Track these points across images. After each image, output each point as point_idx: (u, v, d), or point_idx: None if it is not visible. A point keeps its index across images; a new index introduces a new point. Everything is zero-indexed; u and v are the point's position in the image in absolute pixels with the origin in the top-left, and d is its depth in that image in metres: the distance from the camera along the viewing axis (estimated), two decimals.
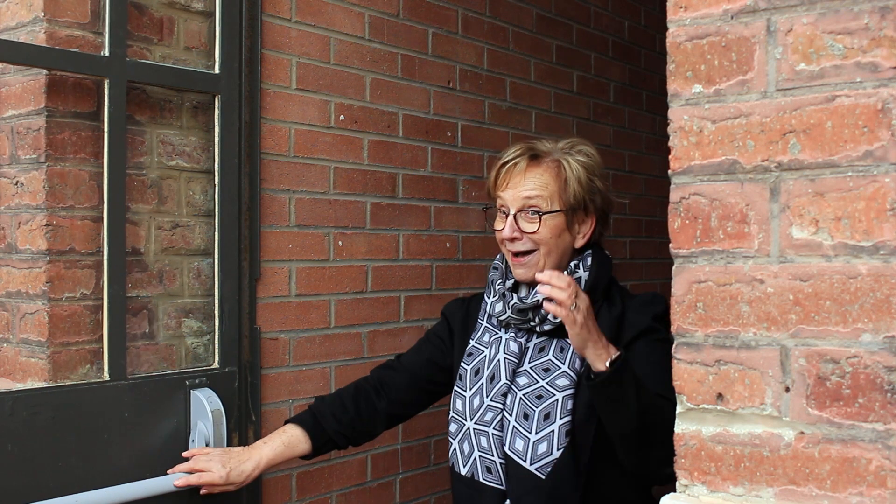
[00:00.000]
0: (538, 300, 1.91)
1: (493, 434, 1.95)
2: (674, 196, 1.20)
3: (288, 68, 2.49)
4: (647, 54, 4.30)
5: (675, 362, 1.21)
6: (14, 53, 1.95)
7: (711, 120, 1.17)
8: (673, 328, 1.21)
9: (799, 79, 1.11)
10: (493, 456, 1.95)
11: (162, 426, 2.14)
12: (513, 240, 1.99)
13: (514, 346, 2.01)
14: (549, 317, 1.95)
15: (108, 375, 2.05)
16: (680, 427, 1.19)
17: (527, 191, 2.00)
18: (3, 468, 1.86)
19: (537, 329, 2.00)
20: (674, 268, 1.21)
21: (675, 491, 1.21)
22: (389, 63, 2.81)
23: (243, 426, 2.32)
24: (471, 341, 2.13)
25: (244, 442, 2.29)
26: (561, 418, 1.90)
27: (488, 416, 1.97)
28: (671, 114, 1.21)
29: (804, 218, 1.10)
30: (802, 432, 1.10)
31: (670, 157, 1.21)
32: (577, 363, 1.94)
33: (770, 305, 1.13)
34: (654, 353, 1.94)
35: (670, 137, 1.21)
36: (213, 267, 2.30)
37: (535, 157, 2.04)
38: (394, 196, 2.83)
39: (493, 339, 2.07)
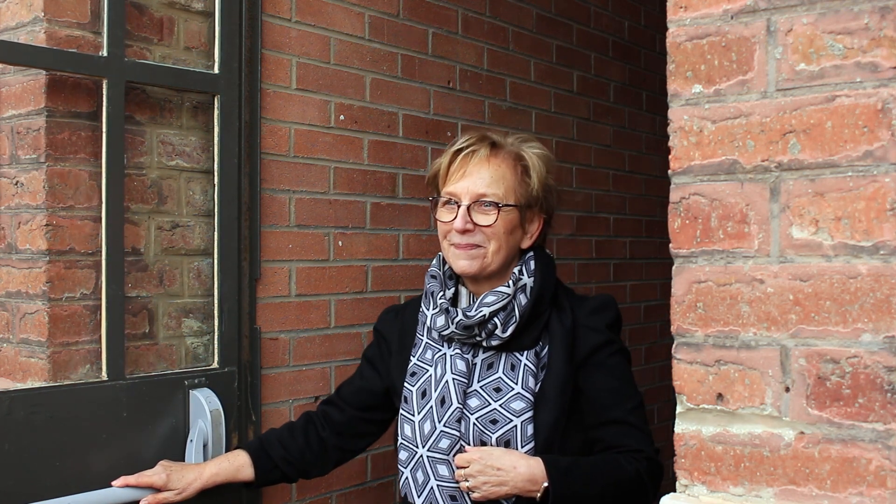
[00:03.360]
0: (484, 315, 1.85)
1: (453, 462, 1.87)
2: (674, 196, 1.20)
3: (288, 68, 2.49)
4: (647, 54, 4.30)
5: (674, 362, 1.21)
6: (12, 54, 1.95)
7: (711, 120, 1.17)
8: (673, 328, 1.21)
9: (799, 79, 1.11)
10: (458, 483, 1.86)
11: (160, 426, 2.14)
12: (465, 232, 1.87)
13: (461, 365, 1.89)
14: (497, 331, 1.87)
15: (105, 375, 2.05)
16: (680, 427, 1.19)
17: (484, 182, 1.88)
18: (1, 468, 1.86)
19: (484, 344, 1.89)
20: (674, 268, 1.21)
21: (675, 491, 1.21)
22: (389, 63, 2.81)
23: (243, 426, 2.32)
24: (412, 359, 1.99)
25: (244, 442, 2.29)
26: (523, 445, 1.83)
27: (444, 444, 1.87)
28: (671, 114, 1.21)
29: (804, 218, 1.10)
30: (802, 432, 1.10)
31: (670, 157, 1.21)
32: (531, 382, 1.86)
33: (770, 305, 1.13)
34: (615, 367, 1.92)
35: (670, 137, 1.21)
36: (213, 267, 2.30)
37: (494, 146, 1.92)
38: (394, 196, 2.83)
39: (436, 356, 1.94)
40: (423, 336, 2.00)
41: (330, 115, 2.62)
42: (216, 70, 2.27)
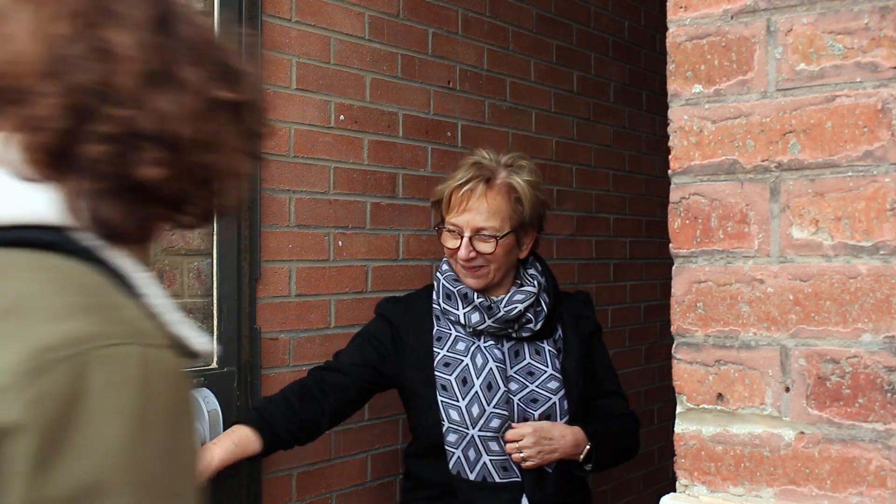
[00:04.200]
0: (519, 310, 2.18)
1: (503, 438, 2.15)
2: (674, 196, 1.20)
3: (288, 68, 2.49)
4: (647, 54, 4.30)
5: (675, 362, 1.21)
6: None
7: (711, 120, 1.17)
8: (673, 328, 1.21)
9: (799, 79, 1.11)
10: (509, 456, 2.14)
11: None
12: (469, 259, 2.17)
13: (499, 354, 2.19)
14: (530, 324, 2.20)
15: None
16: (680, 427, 1.19)
17: (482, 217, 2.16)
18: None
19: (514, 335, 2.20)
20: (674, 268, 1.21)
21: (675, 490, 1.21)
22: (389, 63, 2.81)
23: None
24: (440, 351, 2.22)
25: None
26: (561, 418, 2.18)
27: (495, 423, 2.14)
28: (671, 114, 1.21)
29: (804, 218, 1.10)
30: (802, 432, 1.10)
31: (670, 157, 1.21)
32: (558, 364, 2.22)
33: (770, 305, 1.13)
34: (604, 349, 2.38)
35: (670, 137, 1.21)
36: (213, 267, 2.30)
37: (489, 181, 2.18)
38: (394, 196, 2.83)
39: (471, 347, 2.21)
40: (449, 330, 2.25)
41: (330, 115, 2.62)
42: None
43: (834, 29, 1.09)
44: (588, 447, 2.15)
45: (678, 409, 1.20)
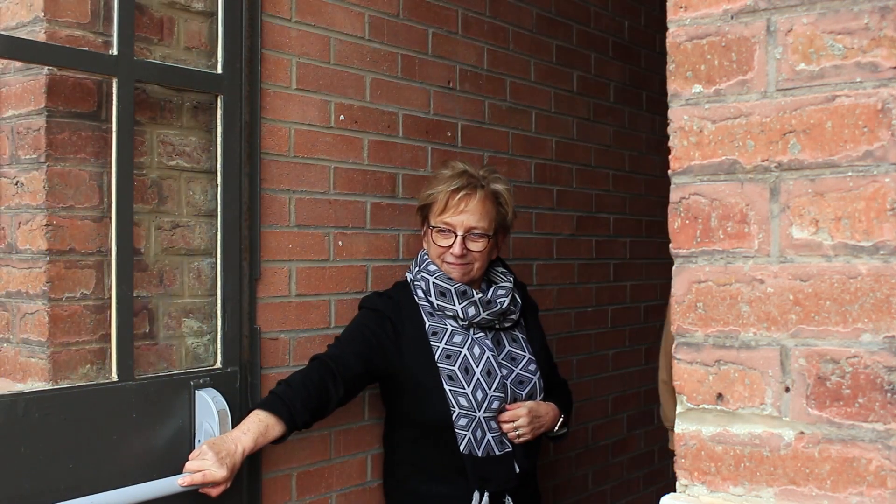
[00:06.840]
0: (505, 303, 2.51)
1: (498, 418, 2.45)
2: (674, 196, 1.21)
3: (288, 68, 2.49)
4: (647, 54, 4.30)
5: (675, 362, 1.21)
6: (22, 51, 1.94)
7: (711, 120, 1.17)
8: (673, 328, 1.21)
9: (799, 79, 1.11)
10: (505, 433, 2.45)
11: (168, 426, 2.14)
12: (461, 256, 2.45)
13: (490, 344, 2.49)
14: (513, 315, 2.56)
15: (115, 376, 2.05)
16: (680, 427, 1.19)
17: (476, 218, 2.46)
18: (17, 470, 1.86)
19: (497, 326, 2.54)
20: (674, 268, 1.21)
21: (675, 490, 1.21)
22: (389, 63, 2.81)
23: None
24: (438, 344, 2.45)
25: None
26: (540, 395, 2.56)
27: (495, 405, 2.43)
28: (671, 114, 1.21)
29: (804, 218, 1.10)
30: (802, 432, 1.10)
31: (670, 157, 1.21)
32: (529, 348, 2.59)
33: (770, 305, 1.13)
34: (541, 326, 2.76)
35: (670, 137, 1.21)
36: (214, 267, 2.30)
37: (482, 187, 2.49)
38: (394, 196, 2.83)
39: (466, 339, 2.47)
40: (445, 325, 2.47)
41: (330, 115, 2.62)
42: (219, 70, 2.27)
43: (834, 29, 1.09)
44: (562, 418, 2.59)
45: (678, 409, 1.20)
